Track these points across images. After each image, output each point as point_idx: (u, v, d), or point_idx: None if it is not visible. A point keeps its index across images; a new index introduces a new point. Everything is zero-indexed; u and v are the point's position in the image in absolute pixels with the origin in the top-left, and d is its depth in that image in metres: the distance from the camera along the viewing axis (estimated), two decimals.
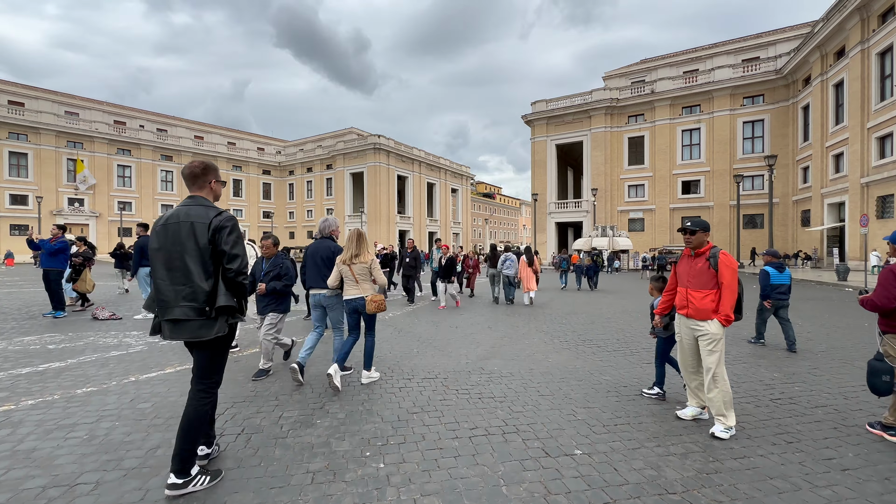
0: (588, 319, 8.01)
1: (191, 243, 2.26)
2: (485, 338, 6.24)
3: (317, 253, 4.40)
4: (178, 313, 2.24)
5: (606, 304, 10.36)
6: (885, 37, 22.16)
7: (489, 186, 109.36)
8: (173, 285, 2.26)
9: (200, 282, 2.25)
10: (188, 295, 2.24)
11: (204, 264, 2.28)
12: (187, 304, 2.24)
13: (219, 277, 2.33)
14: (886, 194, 22.47)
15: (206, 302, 2.26)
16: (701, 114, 36.17)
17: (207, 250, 2.28)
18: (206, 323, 2.27)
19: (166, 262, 2.29)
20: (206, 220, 2.29)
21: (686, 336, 3.19)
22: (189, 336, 2.27)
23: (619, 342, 5.94)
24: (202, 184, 2.46)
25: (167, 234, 2.31)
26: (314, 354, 4.83)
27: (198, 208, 2.34)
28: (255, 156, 62.26)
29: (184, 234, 2.27)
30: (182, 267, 2.26)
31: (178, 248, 2.27)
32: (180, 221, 2.30)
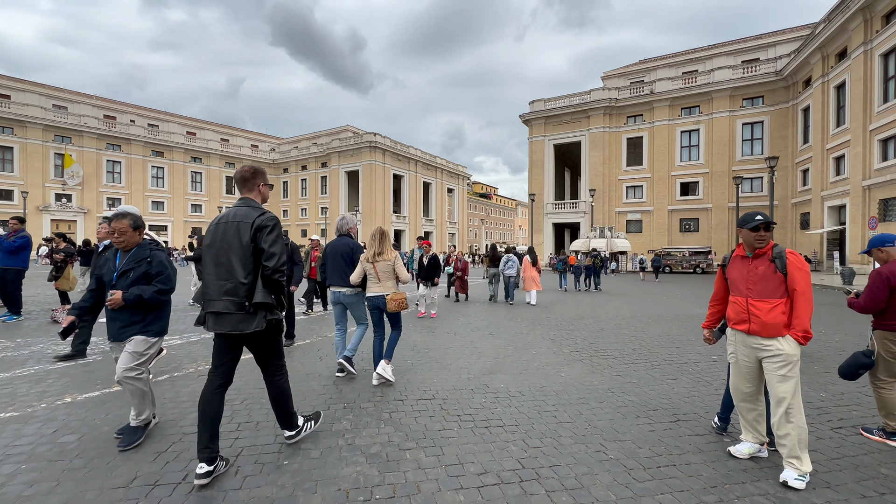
0: (596, 325, 7.41)
1: (236, 241, 2.42)
2: (487, 346, 5.62)
3: (336, 250, 4.42)
4: (220, 307, 2.38)
5: (613, 309, 9.78)
6: (890, 38, 21.82)
7: (485, 187, 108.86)
8: (218, 280, 2.42)
9: (241, 278, 2.40)
10: (229, 290, 2.39)
11: (245, 261, 2.42)
12: (228, 298, 2.38)
13: (258, 275, 2.45)
14: (889, 197, 22.12)
15: (246, 297, 2.40)
16: (700, 115, 35.83)
17: (249, 248, 2.42)
18: (246, 317, 2.40)
19: (215, 259, 2.46)
20: (249, 220, 2.44)
21: (745, 357, 2.58)
22: (229, 329, 2.40)
23: (637, 353, 5.34)
24: (251, 186, 2.64)
25: (218, 233, 2.48)
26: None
27: (245, 209, 2.50)
28: (248, 153, 61.29)
29: (231, 233, 2.43)
30: (227, 263, 2.42)
31: (225, 246, 2.43)
32: (229, 221, 2.47)
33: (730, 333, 2.69)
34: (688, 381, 4.17)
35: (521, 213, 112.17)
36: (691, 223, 36.43)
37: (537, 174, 42.01)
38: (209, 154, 56.55)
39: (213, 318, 2.43)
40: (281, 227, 2.58)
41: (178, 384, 3.91)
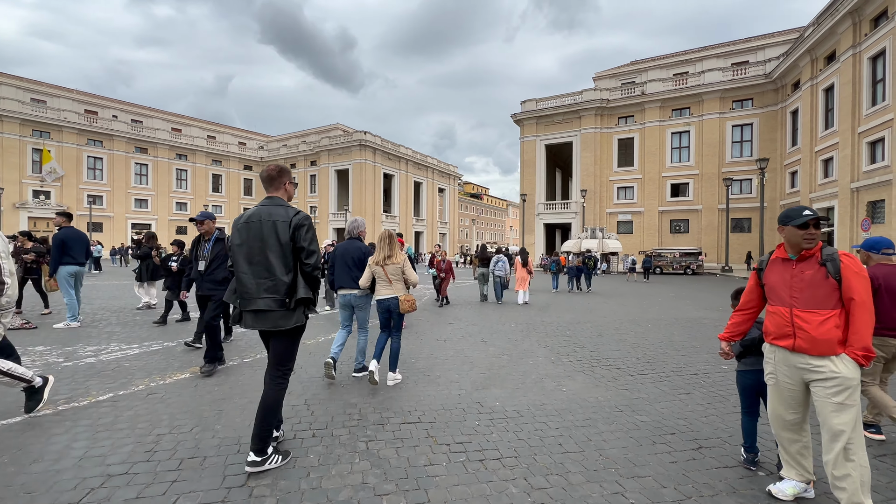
0: (594, 330, 7.01)
1: (273, 240, 2.44)
2: (479, 355, 5.16)
3: (347, 253, 4.41)
4: (261, 304, 2.41)
5: (609, 312, 9.40)
6: (878, 41, 21.92)
7: (476, 187, 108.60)
8: (255, 279, 2.45)
9: (282, 275, 2.44)
10: (270, 287, 2.43)
11: (285, 259, 2.47)
12: (269, 296, 2.42)
13: (297, 272, 2.50)
14: (877, 199, 22.24)
15: (287, 294, 2.45)
16: (690, 116, 35.90)
17: (288, 246, 2.47)
18: (287, 314, 2.45)
19: (248, 257, 2.47)
20: (286, 219, 2.47)
21: (788, 379, 2.16)
22: (271, 325, 2.45)
23: (641, 362, 4.93)
24: (278, 185, 2.67)
25: (249, 231, 2.49)
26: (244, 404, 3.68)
27: (278, 208, 2.53)
28: (236, 150, 60.06)
29: (266, 232, 2.45)
30: (264, 261, 2.44)
31: (259, 244, 2.45)
32: (262, 220, 2.48)
33: (768, 350, 2.27)
34: (702, 397, 3.77)
35: (511, 213, 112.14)
36: (681, 224, 36.49)
37: (528, 174, 41.76)
38: (195, 151, 55.25)
39: (253, 315, 2.46)
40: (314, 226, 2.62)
41: (120, 406, 3.38)
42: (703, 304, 11.18)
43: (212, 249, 5.05)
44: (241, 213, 2.79)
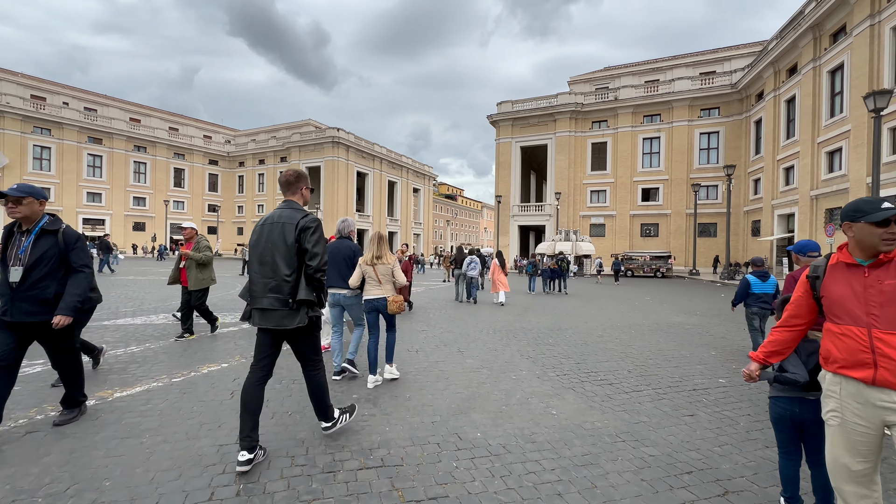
0: (578, 338, 6.55)
1: (280, 241, 2.56)
2: (456, 370, 4.56)
3: (338, 253, 4.40)
4: (266, 303, 2.53)
5: (589, 316, 9.03)
6: (837, 55, 22.89)
7: (451, 188, 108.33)
8: (263, 278, 2.57)
9: (285, 276, 2.53)
10: (273, 287, 2.53)
11: (289, 260, 2.56)
12: (273, 295, 2.52)
13: (301, 273, 2.58)
14: (835, 207, 23.20)
15: (290, 294, 2.53)
16: (661, 123, 36.72)
17: (293, 248, 2.56)
18: (290, 313, 2.52)
19: (260, 258, 2.61)
20: (293, 221, 2.58)
21: (861, 420, 1.68)
22: (274, 324, 2.53)
23: (634, 376, 4.47)
24: (294, 190, 2.77)
25: (263, 233, 2.63)
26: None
27: (289, 211, 2.65)
28: (200, 144, 57.27)
29: (276, 234, 2.58)
30: (271, 262, 2.56)
31: (269, 246, 2.58)
32: (274, 222, 2.61)
33: (830, 381, 1.78)
34: (708, 419, 3.32)
35: (486, 215, 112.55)
36: (651, 228, 37.25)
37: (504, 176, 41.65)
38: (155, 143, 52.27)
39: (259, 314, 2.55)
40: (322, 229, 2.67)
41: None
42: (681, 308, 11.03)
43: (33, 246, 2.87)
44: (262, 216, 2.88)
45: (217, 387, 3.75)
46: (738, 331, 7.45)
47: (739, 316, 8.62)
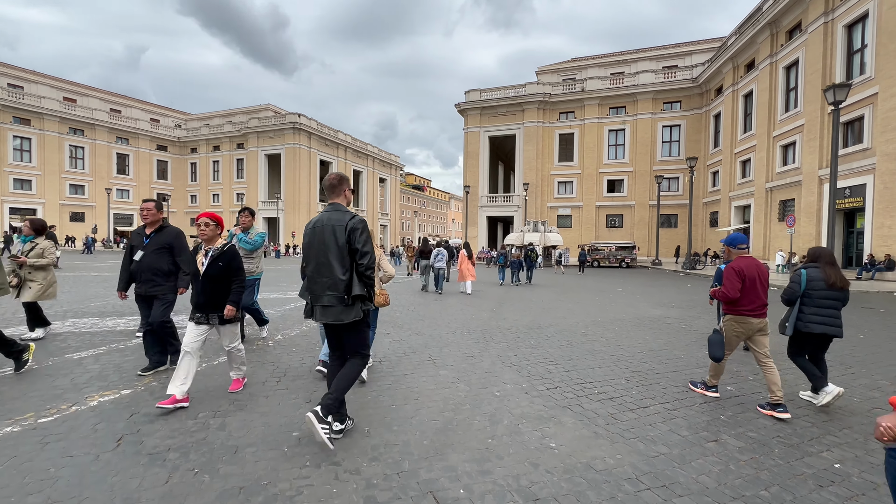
0: (561, 337, 5.97)
1: (332, 242, 2.75)
2: (428, 386, 3.80)
3: None
4: (325, 300, 2.73)
5: (567, 311, 8.53)
6: (792, 52, 23.65)
7: (419, 178, 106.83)
8: (320, 277, 2.77)
9: (339, 275, 2.72)
10: (330, 286, 2.73)
11: (342, 260, 2.75)
12: (331, 293, 2.72)
13: (353, 271, 2.75)
14: (788, 199, 24.19)
15: (345, 291, 2.72)
16: (626, 115, 37.19)
17: (345, 248, 2.75)
18: (346, 309, 2.72)
19: (315, 258, 2.80)
20: (343, 223, 2.76)
21: None
22: (333, 319, 2.74)
23: (633, 385, 3.89)
24: (338, 192, 2.97)
25: (315, 235, 2.83)
26: None
27: (337, 213, 2.83)
28: (147, 127, 52.92)
29: (327, 235, 2.77)
30: (326, 262, 2.75)
31: (322, 247, 2.78)
32: (324, 225, 2.80)
33: None
34: (736, 445, 2.74)
35: (454, 206, 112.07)
36: (616, 219, 37.88)
37: (472, 166, 41.03)
38: (94, 126, 47.76)
39: (321, 310, 2.76)
40: (369, 229, 2.87)
41: None
42: (656, 300, 10.80)
43: None
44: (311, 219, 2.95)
45: (101, 430, 2.79)
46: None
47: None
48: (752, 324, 3.53)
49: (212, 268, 3.28)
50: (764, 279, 3.57)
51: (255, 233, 5.18)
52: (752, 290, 3.50)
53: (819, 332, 3.55)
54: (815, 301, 3.58)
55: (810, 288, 3.61)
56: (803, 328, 3.60)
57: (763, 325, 3.56)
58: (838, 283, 3.55)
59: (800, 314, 3.63)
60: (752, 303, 3.50)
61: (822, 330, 3.54)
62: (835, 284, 3.54)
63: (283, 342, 5.37)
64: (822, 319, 3.55)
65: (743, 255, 3.67)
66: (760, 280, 3.54)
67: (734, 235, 3.78)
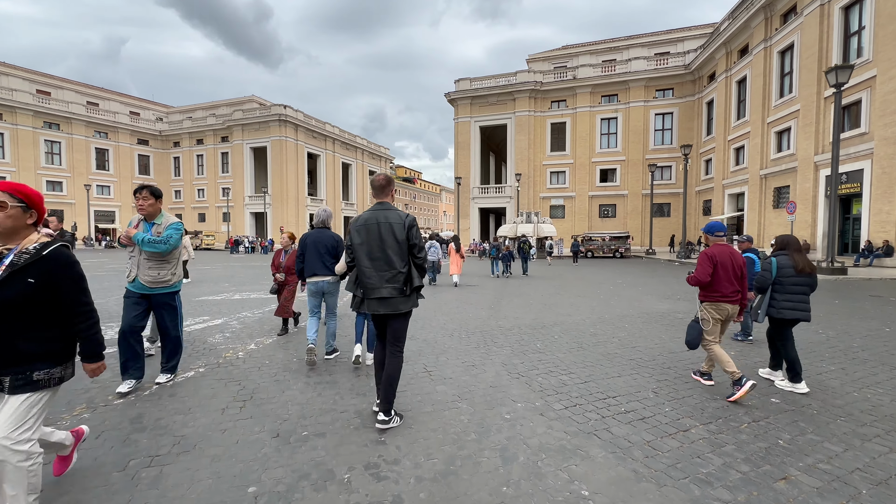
0: (570, 339, 5.41)
1: (391, 239, 2.91)
2: (423, 405, 3.16)
3: (320, 242, 4.44)
4: (384, 293, 2.86)
5: (570, 307, 7.99)
6: (787, 36, 23.21)
7: (409, 171, 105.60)
8: (377, 272, 2.90)
9: (400, 268, 2.91)
10: (391, 278, 2.89)
11: (401, 255, 2.93)
12: (390, 285, 2.87)
13: (411, 264, 2.97)
14: (782, 185, 23.92)
15: (404, 283, 2.91)
16: (618, 103, 36.64)
17: (404, 244, 2.94)
18: (405, 299, 2.93)
19: (369, 254, 2.93)
20: (401, 221, 2.95)
21: None
22: (392, 310, 2.89)
23: (662, 398, 3.33)
24: (387, 192, 3.13)
25: (369, 232, 2.96)
26: None
27: (391, 212, 3.00)
28: (126, 121, 51.08)
29: (384, 232, 2.92)
30: (384, 257, 2.90)
31: (379, 243, 2.92)
32: (380, 222, 2.95)
33: None
34: (810, 484, 2.20)
35: (445, 198, 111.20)
36: (609, 209, 37.51)
37: (463, 157, 40.25)
38: (70, 120, 45.92)
39: (377, 302, 2.89)
40: None
41: None
42: (659, 292, 10.32)
43: None
44: (356, 217, 3.09)
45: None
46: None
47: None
48: (728, 309, 3.66)
49: (6, 288, 1.75)
50: (737, 266, 3.68)
51: (165, 223, 3.78)
52: (725, 276, 3.62)
53: (791, 317, 3.70)
54: (785, 287, 3.75)
55: (781, 275, 3.77)
56: (776, 314, 3.76)
57: (735, 311, 3.71)
58: (807, 269, 3.72)
59: (772, 301, 3.80)
60: (724, 289, 3.61)
61: (793, 315, 3.70)
62: (804, 270, 3.72)
63: (256, 353, 4.72)
64: (793, 305, 3.72)
65: (720, 242, 3.78)
66: (734, 267, 3.66)
67: (712, 223, 3.88)
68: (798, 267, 3.72)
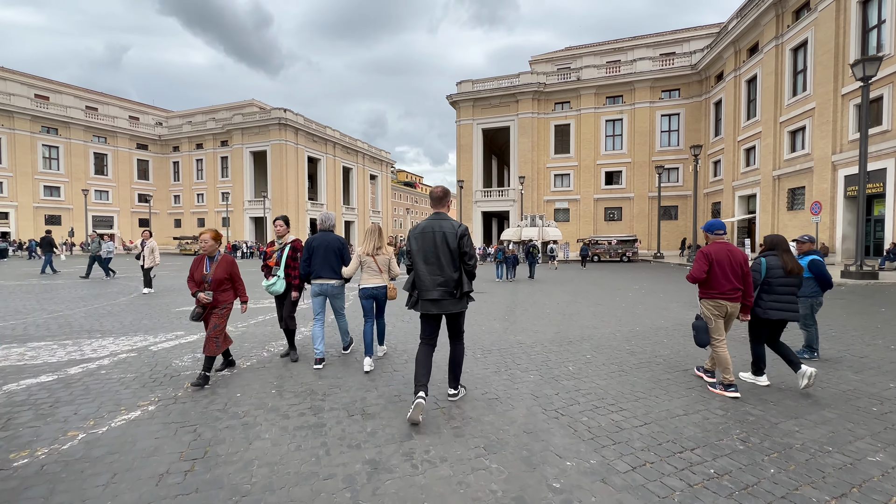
0: (605, 357, 4.57)
1: (444, 247, 3.20)
2: (440, 470, 2.39)
3: (327, 245, 4.50)
4: (436, 295, 3.16)
5: (592, 317, 7.13)
6: (800, 32, 22.48)
7: (411, 175, 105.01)
8: (431, 275, 3.20)
9: (451, 273, 3.19)
10: (442, 282, 3.17)
11: (454, 261, 3.21)
12: (441, 288, 3.16)
13: (461, 270, 3.22)
14: (797, 186, 23.08)
15: (455, 287, 3.19)
16: (623, 104, 35.93)
17: (456, 252, 3.21)
18: (456, 302, 3.20)
19: (424, 259, 3.23)
20: (454, 231, 3.23)
21: None
22: (443, 311, 3.22)
23: (764, 452, 2.52)
24: (444, 203, 3.43)
25: (425, 240, 3.26)
26: None
27: (446, 222, 3.29)
28: (125, 125, 50.56)
29: (438, 241, 3.22)
30: (437, 263, 3.19)
31: (433, 250, 3.21)
32: (435, 231, 3.24)
33: None
34: None
35: None
36: (615, 212, 36.69)
37: (465, 160, 39.53)
38: (69, 124, 45.40)
39: (430, 303, 3.19)
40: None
41: None
42: (683, 299, 9.49)
43: None
44: (415, 225, 3.52)
45: None
46: None
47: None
48: (727, 307, 3.64)
49: None
50: (736, 264, 3.64)
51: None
52: (722, 273, 3.60)
53: (777, 318, 3.72)
54: (773, 288, 3.76)
55: (770, 276, 3.79)
56: (762, 314, 3.76)
57: (736, 310, 3.68)
58: (795, 270, 3.74)
59: (759, 301, 3.80)
60: (721, 286, 3.61)
61: (780, 316, 3.71)
62: (792, 271, 3.73)
63: (224, 383, 3.88)
64: (781, 306, 3.73)
65: (720, 240, 3.76)
66: (732, 264, 3.63)
67: (712, 222, 3.88)
68: (787, 268, 3.72)
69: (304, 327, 6.14)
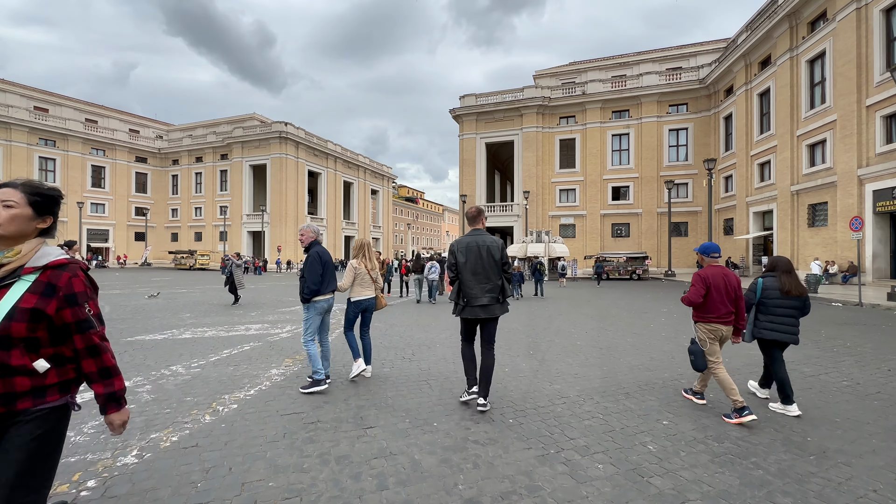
0: (690, 422, 3.28)
1: (490, 259, 3.65)
2: None
3: (330, 260, 4.51)
4: (485, 301, 3.58)
5: (636, 351, 5.86)
6: (816, 43, 21.74)
7: (412, 190, 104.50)
8: (479, 284, 3.62)
9: (497, 281, 3.64)
10: (490, 290, 3.61)
11: (497, 272, 3.66)
12: (490, 295, 3.59)
13: (502, 279, 3.67)
14: (818, 202, 21.98)
15: (499, 293, 3.63)
16: (630, 119, 35.21)
17: (499, 263, 3.68)
18: (500, 305, 3.64)
19: (472, 270, 3.65)
20: (497, 245, 3.70)
21: None
22: (490, 315, 3.61)
23: None
24: (479, 221, 3.86)
25: (470, 253, 3.67)
26: None
27: (486, 237, 3.74)
28: (125, 138, 50.07)
29: (484, 254, 3.65)
30: (483, 273, 3.62)
31: (480, 262, 3.64)
32: (479, 245, 3.67)
33: None
34: None
35: (448, 218, 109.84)
36: (623, 228, 35.59)
37: (468, 174, 38.64)
38: (66, 137, 44.84)
39: (480, 308, 3.59)
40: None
41: None
42: None
43: None
44: (457, 239, 3.79)
45: None
46: (837, 359, 4.57)
47: (815, 332, 5.88)
48: (722, 330, 3.66)
49: None
50: (731, 288, 3.66)
51: None
52: (718, 297, 3.63)
53: (769, 338, 3.75)
54: (769, 309, 3.79)
55: (765, 297, 3.83)
56: (757, 334, 3.84)
57: (729, 333, 3.70)
58: (793, 291, 3.71)
59: (755, 321, 3.85)
60: (717, 310, 3.63)
61: (772, 336, 3.73)
62: (790, 292, 3.72)
63: (156, 462, 2.65)
64: (774, 327, 3.74)
65: (714, 263, 3.80)
66: (727, 288, 3.65)
67: (707, 245, 3.91)
68: (784, 289, 3.72)
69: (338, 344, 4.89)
